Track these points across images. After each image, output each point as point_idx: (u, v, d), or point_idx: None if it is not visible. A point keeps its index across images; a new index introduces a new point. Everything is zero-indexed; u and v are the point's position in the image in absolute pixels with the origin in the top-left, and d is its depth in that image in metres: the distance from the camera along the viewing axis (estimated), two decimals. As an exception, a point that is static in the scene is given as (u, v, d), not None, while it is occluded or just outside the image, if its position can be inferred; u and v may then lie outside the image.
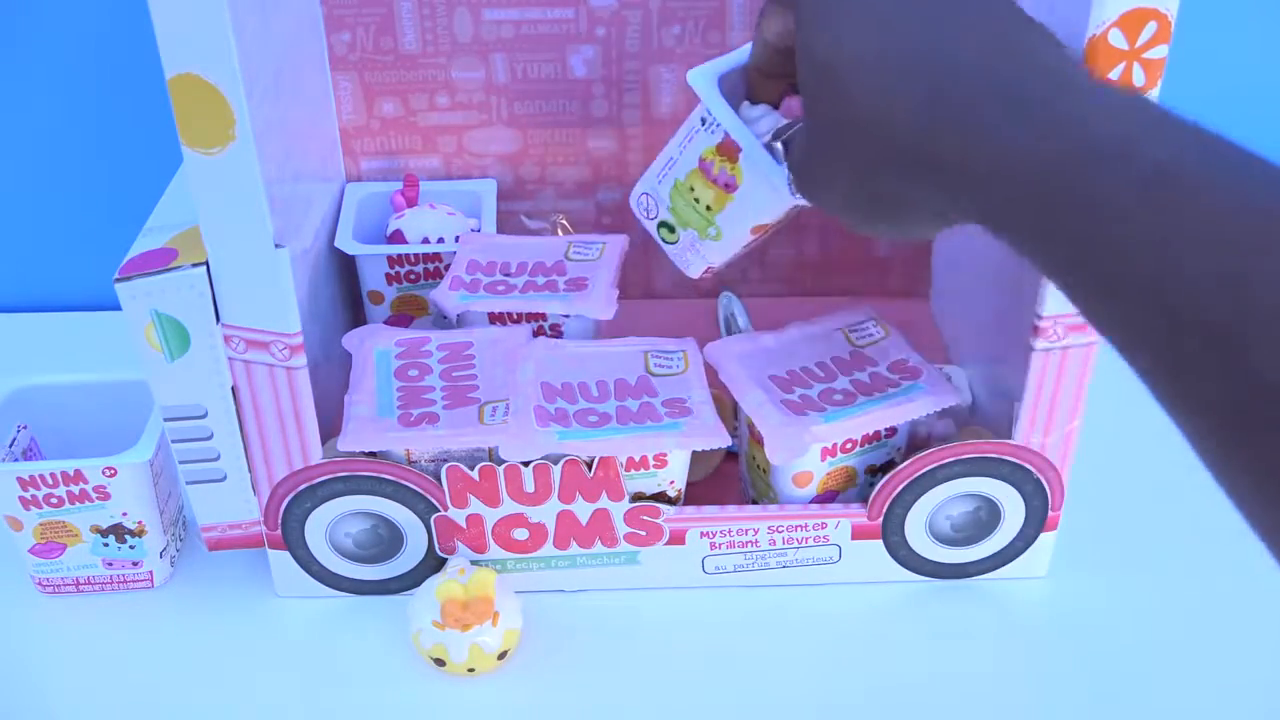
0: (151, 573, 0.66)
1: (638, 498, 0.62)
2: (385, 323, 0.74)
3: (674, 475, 0.62)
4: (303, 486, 0.62)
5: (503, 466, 0.60)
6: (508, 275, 0.71)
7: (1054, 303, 0.56)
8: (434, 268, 0.73)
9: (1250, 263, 0.30)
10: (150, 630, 0.65)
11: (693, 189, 0.56)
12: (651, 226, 0.59)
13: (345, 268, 0.74)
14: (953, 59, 0.40)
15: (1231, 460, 0.32)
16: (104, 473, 0.62)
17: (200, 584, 0.67)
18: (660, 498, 0.62)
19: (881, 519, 0.64)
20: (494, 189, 0.81)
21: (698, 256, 0.58)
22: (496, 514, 0.62)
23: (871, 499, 0.63)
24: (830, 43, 0.42)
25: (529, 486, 0.61)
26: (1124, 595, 0.66)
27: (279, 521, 0.63)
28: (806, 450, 0.60)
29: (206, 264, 0.55)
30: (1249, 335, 0.30)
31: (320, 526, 0.63)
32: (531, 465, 0.60)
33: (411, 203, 0.77)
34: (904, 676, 0.62)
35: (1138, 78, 0.50)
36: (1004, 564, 0.66)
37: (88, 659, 0.63)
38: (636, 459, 0.60)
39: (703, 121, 0.55)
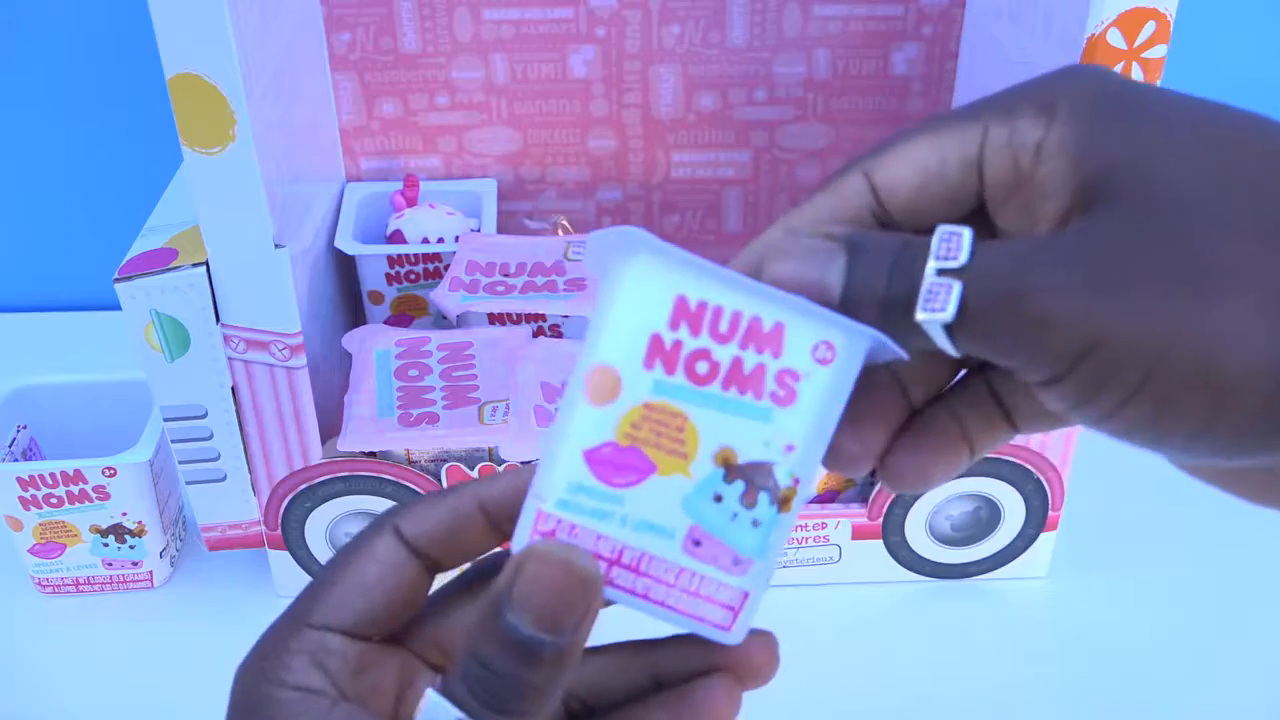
0: (151, 573, 0.66)
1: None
2: (385, 323, 0.74)
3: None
4: (303, 486, 0.62)
5: (503, 466, 0.60)
6: (507, 276, 0.71)
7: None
8: (434, 268, 0.73)
9: None
10: (150, 630, 0.65)
11: None
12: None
13: (345, 268, 0.74)
14: None
15: None
16: (104, 473, 0.62)
17: (200, 584, 0.67)
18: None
19: (881, 519, 0.64)
20: (494, 189, 0.81)
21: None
22: (496, 514, 0.62)
23: (871, 499, 0.63)
24: None
25: (529, 486, 0.61)
26: (1124, 595, 0.66)
27: (279, 521, 0.63)
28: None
29: (206, 264, 0.55)
30: None
31: (320, 526, 0.63)
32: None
33: (411, 203, 0.77)
34: (904, 676, 0.62)
35: (1136, 77, 0.50)
36: (1004, 564, 0.66)
37: (88, 659, 0.63)
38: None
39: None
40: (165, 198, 0.64)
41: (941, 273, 0.25)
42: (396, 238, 0.75)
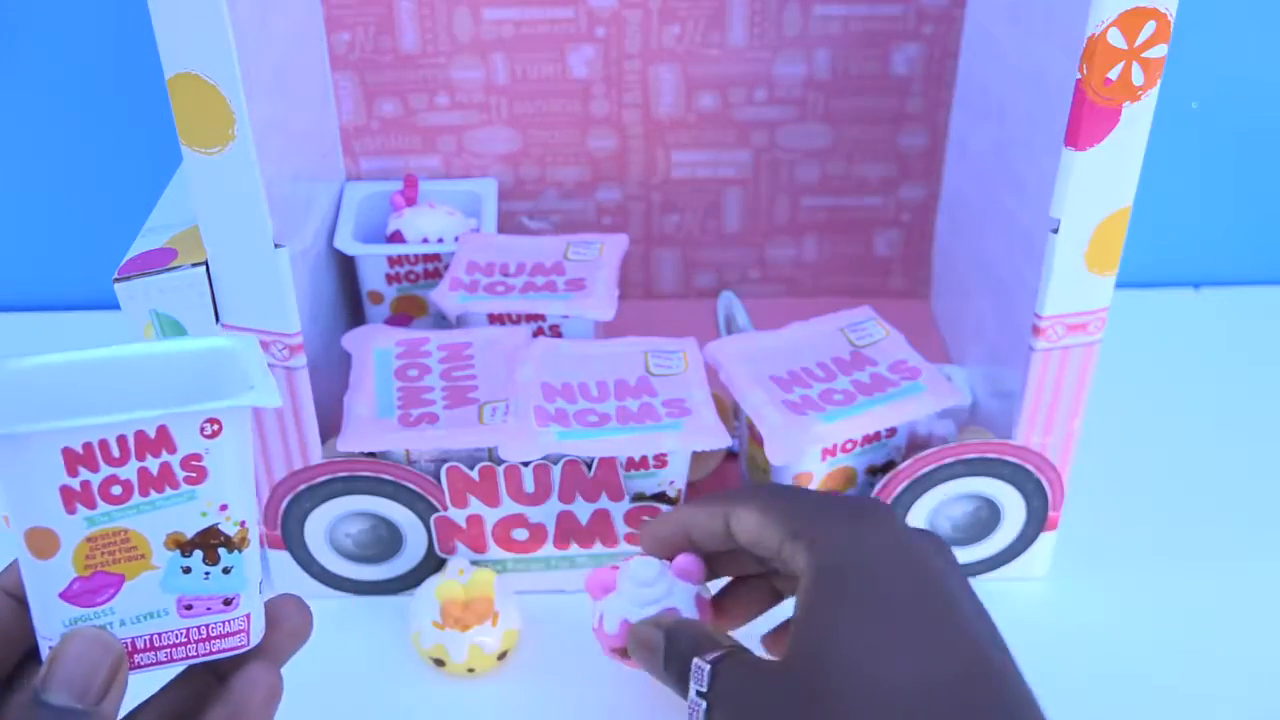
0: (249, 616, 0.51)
1: (638, 498, 0.62)
2: (385, 323, 0.74)
3: (674, 475, 0.62)
4: (303, 486, 0.61)
5: (502, 466, 0.60)
6: (507, 275, 0.71)
7: (1054, 302, 0.56)
8: (434, 268, 0.73)
9: None
10: (150, 630, 0.65)
11: None
12: None
13: (345, 268, 0.74)
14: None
15: None
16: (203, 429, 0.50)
17: (200, 584, 0.67)
18: (661, 498, 0.62)
19: (881, 519, 0.64)
20: (494, 189, 0.81)
21: None
22: (496, 514, 0.62)
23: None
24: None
25: (529, 487, 0.61)
26: (1124, 595, 0.66)
27: (279, 521, 0.63)
28: (807, 450, 0.60)
29: (206, 264, 0.55)
30: None
31: (320, 526, 0.63)
32: (531, 465, 0.60)
33: (411, 203, 0.77)
34: (904, 676, 0.61)
35: (1136, 77, 0.50)
36: (1004, 564, 0.66)
37: (87, 659, 0.63)
38: (636, 459, 0.60)
39: None
40: (165, 198, 0.64)
41: (699, 693, 0.41)
42: (396, 238, 0.75)
